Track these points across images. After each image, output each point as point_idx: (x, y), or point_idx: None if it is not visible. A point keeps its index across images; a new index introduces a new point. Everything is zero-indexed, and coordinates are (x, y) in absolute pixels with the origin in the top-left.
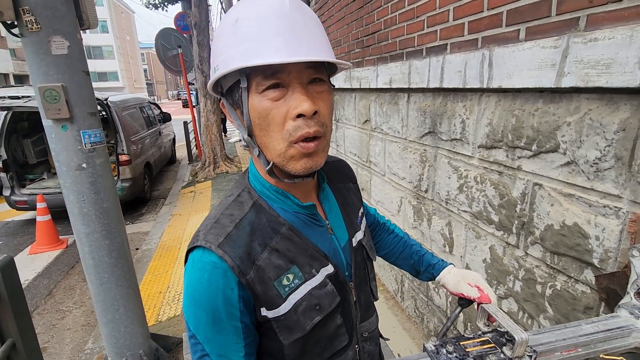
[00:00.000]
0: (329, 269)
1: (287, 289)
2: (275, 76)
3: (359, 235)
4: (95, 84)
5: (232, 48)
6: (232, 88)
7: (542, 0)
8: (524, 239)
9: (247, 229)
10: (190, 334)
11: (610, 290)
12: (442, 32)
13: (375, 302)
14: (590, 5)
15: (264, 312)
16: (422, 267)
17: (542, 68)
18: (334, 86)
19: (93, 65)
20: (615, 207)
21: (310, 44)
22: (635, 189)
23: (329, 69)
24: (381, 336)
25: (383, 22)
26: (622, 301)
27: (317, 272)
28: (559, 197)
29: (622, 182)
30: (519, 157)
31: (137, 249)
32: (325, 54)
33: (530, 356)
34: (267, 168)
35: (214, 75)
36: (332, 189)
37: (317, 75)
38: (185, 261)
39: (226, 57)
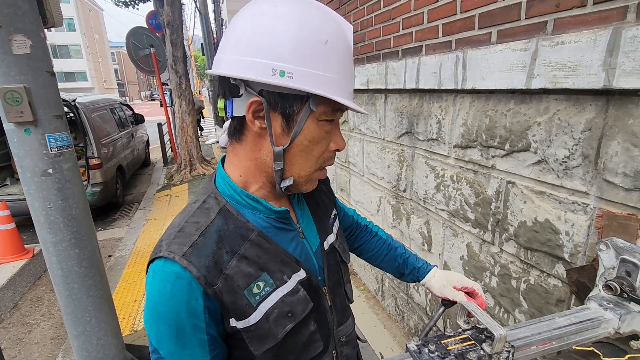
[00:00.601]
0: (301, 274)
1: (257, 297)
2: (338, 112)
3: (331, 239)
4: (62, 85)
5: (320, 70)
6: (286, 97)
7: (512, 5)
8: (499, 236)
9: (214, 236)
10: (152, 348)
11: (580, 283)
12: (417, 34)
13: (355, 302)
14: (556, 10)
15: (233, 322)
16: (406, 270)
17: (513, 70)
18: None
19: (59, 65)
20: (583, 203)
21: None
22: (601, 185)
23: None
24: (358, 338)
25: (359, 24)
26: (591, 293)
27: (289, 278)
28: (531, 194)
29: (589, 180)
30: (493, 156)
31: (109, 256)
32: None
33: (509, 351)
34: (287, 185)
35: (283, 80)
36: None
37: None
38: (146, 273)
39: (312, 75)
